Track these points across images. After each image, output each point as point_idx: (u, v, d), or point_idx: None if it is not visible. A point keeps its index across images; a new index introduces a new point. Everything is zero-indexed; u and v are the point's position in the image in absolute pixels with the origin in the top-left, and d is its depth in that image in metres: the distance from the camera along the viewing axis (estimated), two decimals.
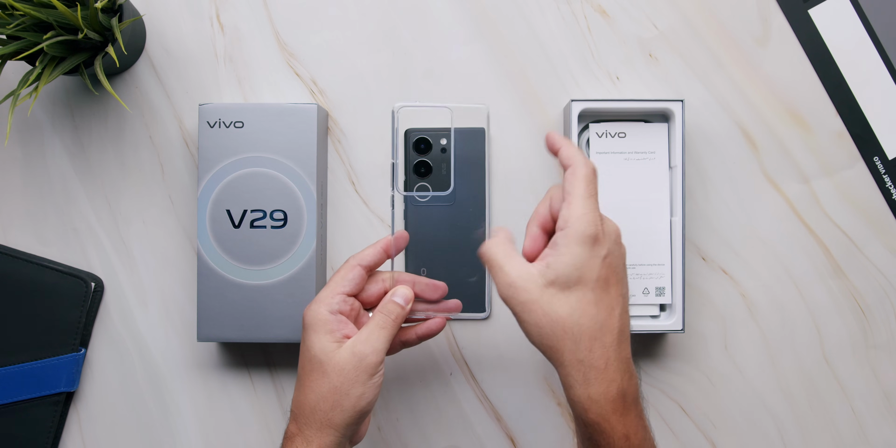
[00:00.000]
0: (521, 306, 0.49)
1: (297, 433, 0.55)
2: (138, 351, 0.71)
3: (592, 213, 0.49)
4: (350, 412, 0.54)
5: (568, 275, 0.48)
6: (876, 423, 0.71)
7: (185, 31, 0.72)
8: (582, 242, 0.48)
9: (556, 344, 0.48)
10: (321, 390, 0.54)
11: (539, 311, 0.48)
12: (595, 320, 0.48)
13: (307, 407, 0.55)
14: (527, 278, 0.49)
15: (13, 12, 0.61)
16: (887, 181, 0.71)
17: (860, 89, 0.71)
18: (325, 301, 0.56)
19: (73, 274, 0.70)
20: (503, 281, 0.50)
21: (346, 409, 0.54)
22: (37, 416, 0.69)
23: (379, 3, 0.72)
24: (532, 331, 0.49)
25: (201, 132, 0.67)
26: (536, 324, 0.48)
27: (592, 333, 0.47)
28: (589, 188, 0.50)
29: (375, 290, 0.59)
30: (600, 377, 0.47)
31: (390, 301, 0.57)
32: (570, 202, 0.49)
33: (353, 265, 0.58)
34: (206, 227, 0.67)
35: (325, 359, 0.55)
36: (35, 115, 0.72)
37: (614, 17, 0.72)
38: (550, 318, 0.48)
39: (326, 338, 0.55)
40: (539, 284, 0.48)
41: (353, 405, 0.54)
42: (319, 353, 0.55)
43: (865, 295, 0.71)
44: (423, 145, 0.70)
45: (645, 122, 0.68)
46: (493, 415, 0.71)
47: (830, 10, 0.71)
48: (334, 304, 0.56)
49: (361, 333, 0.56)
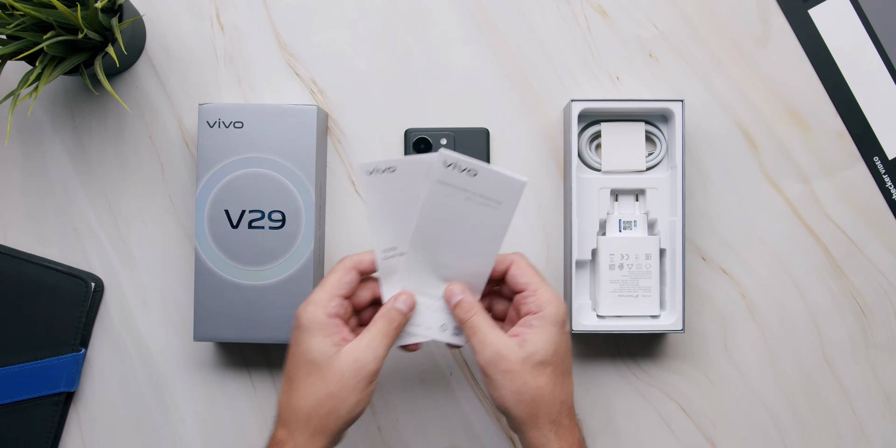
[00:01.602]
0: (503, 374, 0.54)
1: (286, 439, 0.54)
2: (138, 351, 0.71)
3: (559, 298, 0.56)
4: (345, 419, 0.54)
5: (545, 351, 0.54)
6: (875, 422, 0.71)
7: (185, 31, 0.72)
8: (555, 324, 0.55)
9: (533, 410, 0.54)
10: (317, 396, 0.53)
11: (520, 380, 0.54)
12: (564, 389, 0.55)
13: (302, 412, 0.54)
14: (510, 350, 0.54)
15: (13, 12, 0.61)
16: (887, 181, 0.71)
17: (860, 89, 0.71)
18: (323, 303, 0.55)
19: (73, 274, 0.70)
20: (490, 350, 0.54)
21: (341, 416, 0.53)
22: (37, 416, 0.69)
23: (379, 4, 0.72)
24: (510, 397, 0.54)
25: (201, 132, 0.67)
26: (518, 391, 0.54)
27: (563, 399, 0.55)
28: (539, 273, 0.58)
29: (365, 296, 0.58)
30: (568, 432, 0.55)
31: (393, 308, 0.57)
32: (535, 289, 0.56)
33: (349, 268, 0.57)
34: (205, 227, 0.67)
35: (325, 364, 0.54)
36: (35, 115, 0.72)
37: (614, 17, 0.72)
38: (530, 387, 0.54)
39: (325, 341, 0.54)
40: (519, 357, 0.54)
41: (349, 412, 0.54)
42: (318, 357, 0.54)
43: (865, 295, 0.71)
44: (423, 145, 0.70)
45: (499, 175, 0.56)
46: (493, 415, 0.71)
47: (830, 10, 0.71)
48: (331, 308, 0.55)
49: (362, 339, 0.55)
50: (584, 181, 0.69)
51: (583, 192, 0.69)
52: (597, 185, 0.69)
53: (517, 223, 0.71)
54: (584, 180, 0.69)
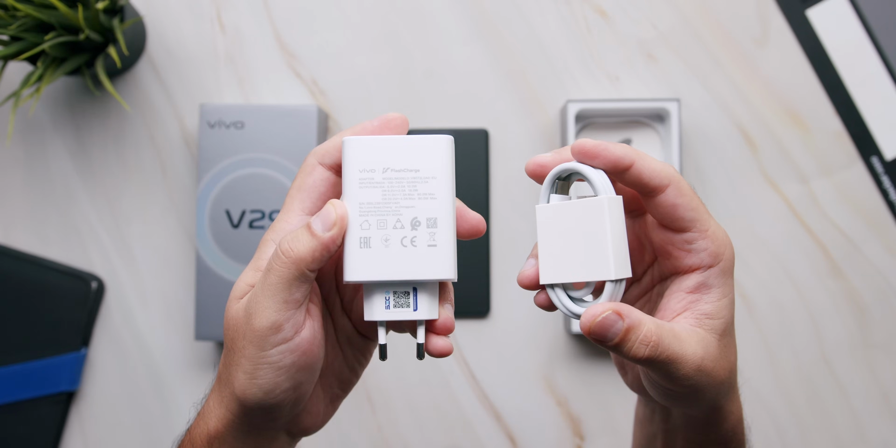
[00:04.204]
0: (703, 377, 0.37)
1: (209, 395, 0.40)
2: (140, 350, 0.71)
3: (727, 235, 0.38)
4: (239, 395, 0.37)
5: (733, 317, 0.39)
6: (874, 422, 0.71)
7: (186, 32, 0.72)
8: (732, 274, 0.38)
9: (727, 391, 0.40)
10: (224, 350, 0.39)
11: (720, 369, 0.38)
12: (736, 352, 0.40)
13: (219, 365, 0.40)
14: (705, 345, 0.37)
15: (15, 13, 0.61)
16: (885, 181, 0.71)
17: (858, 89, 0.71)
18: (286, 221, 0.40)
19: (75, 274, 0.70)
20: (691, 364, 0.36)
21: (234, 387, 0.37)
22: (38, 416, 0.70)
23: (379, 4, 0.72)
24: (712, 392, 0.38)
25: (201, 132, 0.67)
26: (719, 384, 0.38)
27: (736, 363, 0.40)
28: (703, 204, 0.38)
29: None
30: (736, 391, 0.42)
31: None
32: (705, 229, 0.37)
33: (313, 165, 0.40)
34: (205, 226, 0.67)
35: (231, 306, 0.39)
36: (37, 115, 0.72)
37: (613, 18, 0.72)
38: (728, 369, 0.39)
39: (253, 274, 0.39)
40: (715, 344, 0.37)
41: (243, 386, 0.37)
42: (236, 292, 0.39)
43: (864, 294, 0.71)
44: None
45: None
46: (493, 415, 0.71)
47: (829, 10, 0.72)
48: None
49: None
50: None
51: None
52: None
53: (517, 223, 0.71)
54: None
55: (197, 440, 0.40)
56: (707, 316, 0.38)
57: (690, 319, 0.37)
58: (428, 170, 0.38)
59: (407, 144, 0.38)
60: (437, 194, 0.38)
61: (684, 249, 0.37)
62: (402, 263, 0.37)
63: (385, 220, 0.37)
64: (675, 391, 0.38)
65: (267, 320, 0.36)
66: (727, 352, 0.38)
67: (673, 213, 0.37)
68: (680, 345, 0.36)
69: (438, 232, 0.38)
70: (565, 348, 0.71)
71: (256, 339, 0.36)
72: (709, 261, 0.37)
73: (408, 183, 0.38)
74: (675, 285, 0.38)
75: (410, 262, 0.37)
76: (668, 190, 0.36)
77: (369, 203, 0.37)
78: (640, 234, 0.41)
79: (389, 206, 0.37)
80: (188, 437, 0.41)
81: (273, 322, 0.36)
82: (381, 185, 0.37)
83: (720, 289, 0.37)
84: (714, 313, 0.37)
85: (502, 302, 0.71)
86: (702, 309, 0.38)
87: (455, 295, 0.48)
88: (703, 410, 0.40)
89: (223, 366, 0.39)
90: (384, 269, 0.37)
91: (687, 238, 0.37)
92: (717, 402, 0.40)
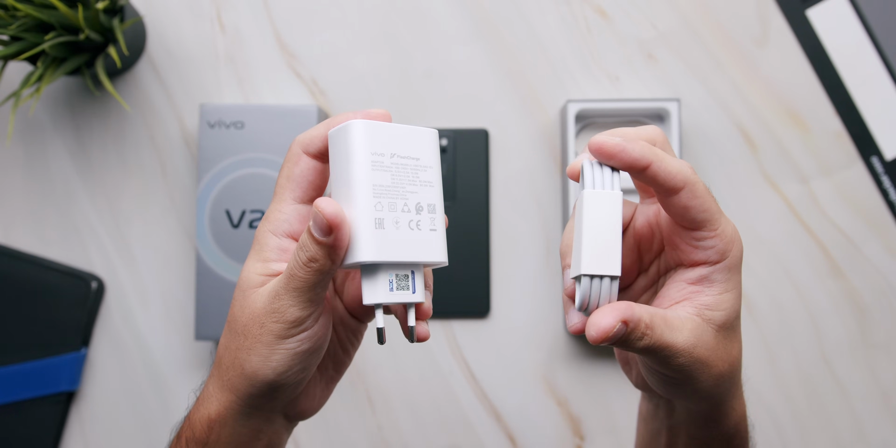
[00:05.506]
0: (697, 365, 0.38)
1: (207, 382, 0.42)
2: (140, 350, 0.72)
3: (736, 231, 0.39)
4: (251, 380, 0.39)
5: (736, 312, 0.39)
6: (874, 422, 0.71)
7: (186, 32, 0.72)
8: (739, 270, 0.39)
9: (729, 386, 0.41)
10: (227, 336, 0.40)
11: (718, 360, 0.39)
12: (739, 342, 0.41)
13: (219, 352, 0.41)
14: (699, 334, 0.38)
15: (15, 13, 0.61)
16: (885, 181, 0.71)
17: (858, 89, 0.71)
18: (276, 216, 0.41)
19: (75, 274, 0.70)
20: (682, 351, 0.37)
21: (245, 373, 0.39)
22: (38, 416, 0.70)
23: (379, 4, 0.72)
24: (709, 382, 0.39)
25: (201, 132, 0.67)
26: (717, 376, 0.39)
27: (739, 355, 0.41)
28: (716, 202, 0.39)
29: None
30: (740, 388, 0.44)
31: None
32: (716, 228, 0.37)
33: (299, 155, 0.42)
34: (205, 226, 0.67)
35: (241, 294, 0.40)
36: (37, 115, 0.72)
37: (613, 18, 0.72)
38: (728, 362, 0.39)
39: (259, 266, 0.40)
40: (712, 334, 0.38)
41: (255, 372, 0.39)
42: (242, 283, 0.40)
43: (864, 294, 0.71)
44: None
45: None
46: (493, 415, 0.71)
47: (829, 10, 0.72)
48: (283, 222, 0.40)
49: None
50: None
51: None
52: None
53: (517, 222, 0.71)
54: None
55: (196, 425, 0.41)
56: (706, 307, 0.38)
57: (689, 308, 0.38)
58: (425, 159, 0.39)
59: (408, 133, 0.39)
60: (433, 183, 0.39)
61: (692, 245, 0.38)
62: (410, 245, 0.38)
63: (395, 202, 0.38)
64: (669, 377, 0.39)
65: (293, 316, 0.38)
66: (728, 345, 0.39)
67: (684, 214, 0.37)
68: (671, 332, 0.37)
69: (437, 218, 0.39)
70: (565, 348, 0.71)
71: (279, 331, 0.38)
72: (716, 257, 0.38)
73: (411, 170, 0.38)
74: (678, 275, 0.39)
75: (417, 245, 0.38)
76: (682, 193, 0.36)
77: (381, 185, 0.38)
78: (651, 222, 0.41)
79: (398, 190, 0.38)
80: (187, 423, 0.42)
81: (298, 318, 0.38)
82: (390, 170, 0.38)
83: (723, 284, 0.38)
84: (714, 305, 0.38)
85: (502, 302, 0.71)
86: (702, 300, 0.38)
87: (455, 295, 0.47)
88: (704, 404, 0.41)
89: (227, 350, 0.40)
90: (396, 250, 0.37)
91: (696, 236, 0.38)
92: (717, 395, 0.40)
